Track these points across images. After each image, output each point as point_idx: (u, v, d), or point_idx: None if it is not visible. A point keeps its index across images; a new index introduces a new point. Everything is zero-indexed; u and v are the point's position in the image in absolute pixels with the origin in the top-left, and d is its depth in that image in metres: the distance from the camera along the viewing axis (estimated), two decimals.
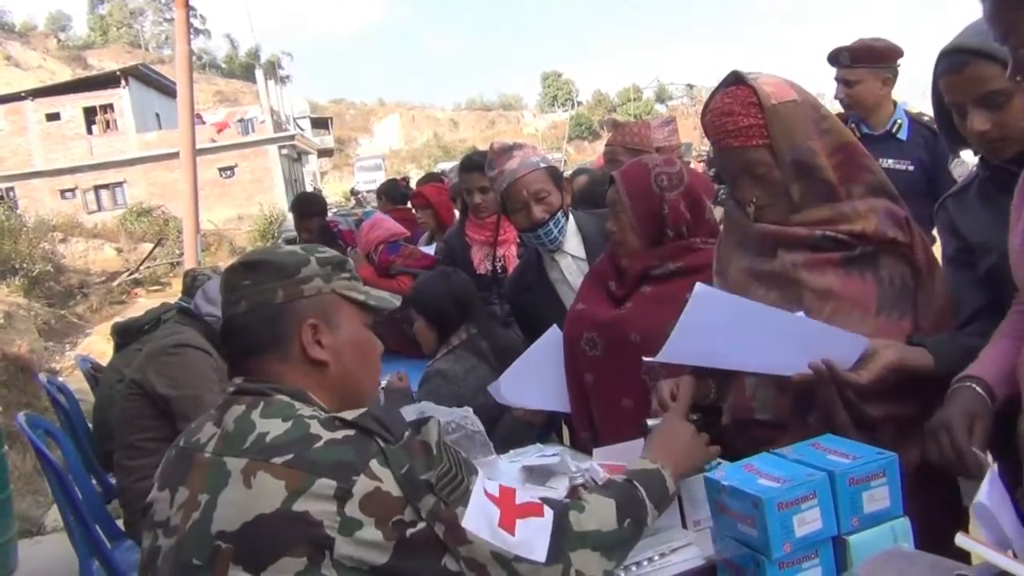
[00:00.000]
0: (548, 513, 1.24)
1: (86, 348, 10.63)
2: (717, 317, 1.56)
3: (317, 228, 4.74)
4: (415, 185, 5.84)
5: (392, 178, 7.85)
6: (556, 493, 1.63)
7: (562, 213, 2.52)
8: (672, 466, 1.43)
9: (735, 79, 1.67)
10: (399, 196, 5.76)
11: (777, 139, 1.60)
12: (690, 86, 71.35)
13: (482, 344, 2.78)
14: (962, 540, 1.05)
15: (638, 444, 1.64)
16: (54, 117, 30.96)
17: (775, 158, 1.62)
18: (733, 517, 1.25)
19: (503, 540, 1.17)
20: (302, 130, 45.70)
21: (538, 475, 1.78)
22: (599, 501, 1.31)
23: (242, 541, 1.11)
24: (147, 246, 20.81)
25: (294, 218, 5.15)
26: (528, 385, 2.31)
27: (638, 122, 3.88)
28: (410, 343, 2.99)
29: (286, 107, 42.08)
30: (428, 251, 4.12)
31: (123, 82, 31.46)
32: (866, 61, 3.26)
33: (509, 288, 2.84)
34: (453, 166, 4.97)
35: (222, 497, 1.14)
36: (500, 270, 3.30)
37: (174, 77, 13.45)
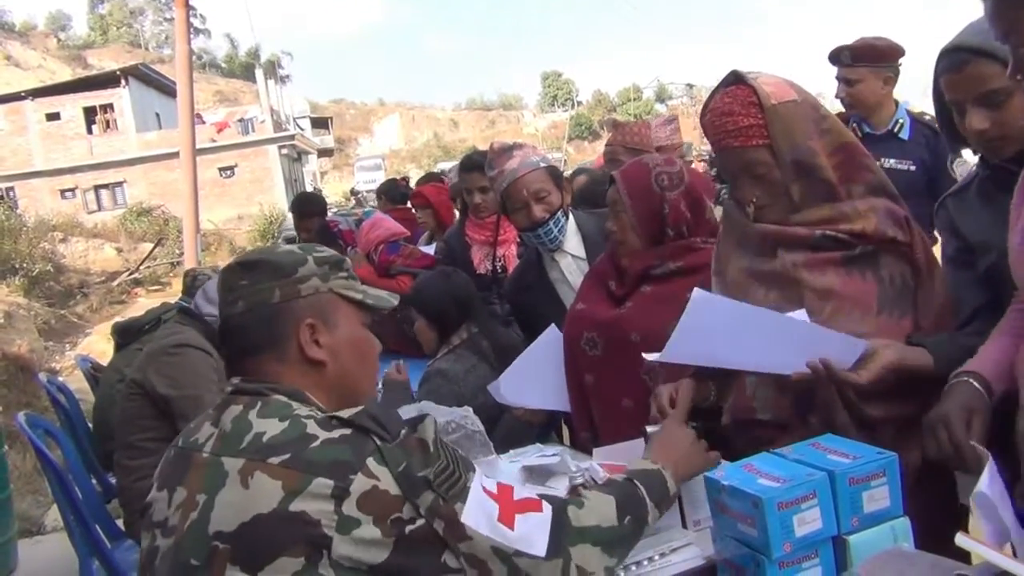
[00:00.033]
0: (547, 508, 1.23)
1: (86, 348, 10.63)
2: (716, 322, 1.55)
3: (317, 228, 4.74)
4: (415, 185, 5.84)
5: (392, 178, 7.85)
6: (556, 493, 1.63)
7: (562, 213, 2.51)
8: (673, 467, 1.43)
9: (735, 79, 1.67)
10: (399, 196, 5.76)
11: (777, 139, 1.60)
12: (690, 86, 71.33)
13: (483, 343, 2.78)
14: (962, 540, 1.05)
15: (638, 444, 1.64)
16: (54, 117, 30.95)
17: (775, 158, 1.62)
18: (733, 517, 1.25)
19: (503, 535, 1.17)
20: (302, 130, 45.70)
21: (538, 475, 1.78)
22: (599, 498, 1.31)
23: (239, 541, 1.11)
24: (147, 246, 20.80)
25: (294, 218, 5.15)
26: (528, 384, 2.31)
27: (638, 122, 3.88)
28: (410, 343, 2.99)
29: (286, 107, 42.08)
30: (428, 251, 4.12)
31: (123, 82, 31.46)
32: (867, 60, 3.23)
33: (509, 288, 2.84)
34: (453, 166, 4.97)
35: (219, 497, 1.14)
36: (500, 270, 3.30)
37: (174, 77, 13.44)
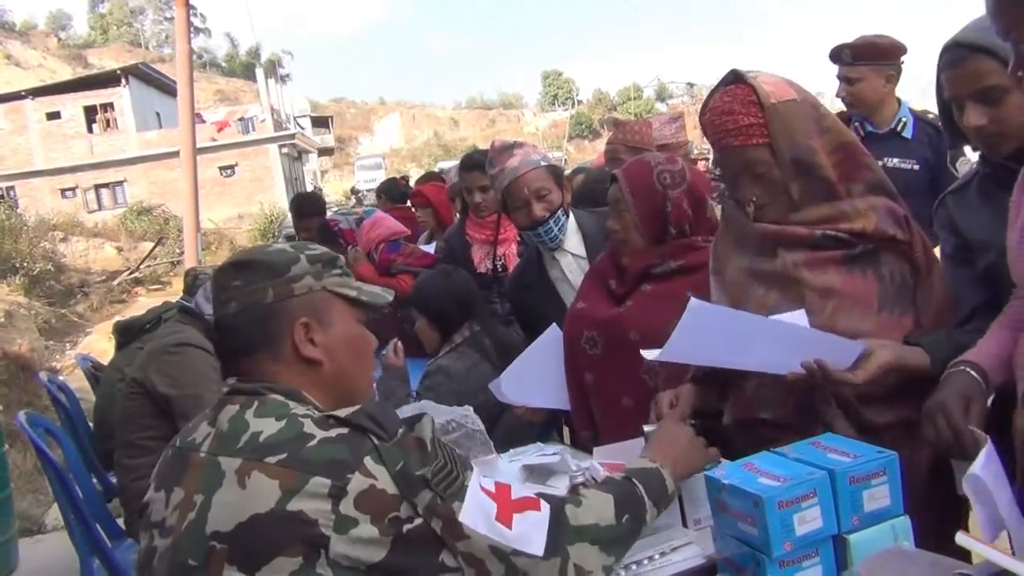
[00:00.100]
0: (545, 507, 1.23)
1: (86, 347, 10.63)
2: (712, 330, 1.55)
3: (317, 227, 4.74)
4: (415, 184, 5.84)
5: (392, 177, 7.85)
6: (556, 492, 1.63)
7: (563, 211, 2.51)
8: (671, 466, 1.43)
9: (734, 78, 1.66)
10: (399, 195, 5.76)
11: (777, 138, 1.60)
12: (690, 85, 71.34)
13: (485, 341, 2.78)
14: (962, 539, 1.05)
15: (638, 443, 1.64)
16: (54, 116, 30.95)
17: (775, 157, 1.62)
18: (733, 516, 1.25)
19: (501, 534, 1.17)
20: (302, 129, 45.69)
21: (538, 474, 1.78)
22: (597, 496, 1.31)
23: (237, 541, 1.11)
24: (147, 245, 20.80)
25: (292, 218, 5.14)
26: (528, 383, 2.31)
27: (639, 120, 3.87)
28: (411, 342, 2.99)
29: (286, 106, 42.05)
30: (428, 250, 4.12)
31: (123, 81, 31.45)
32: (868, 58, 3.20)
33: (509, 287, 2.84)
34: (453, 165, 4.97)
35: (217, 497, 1.14)
36: (500, 269, 3.30)
37: (174, 76, 13.42)
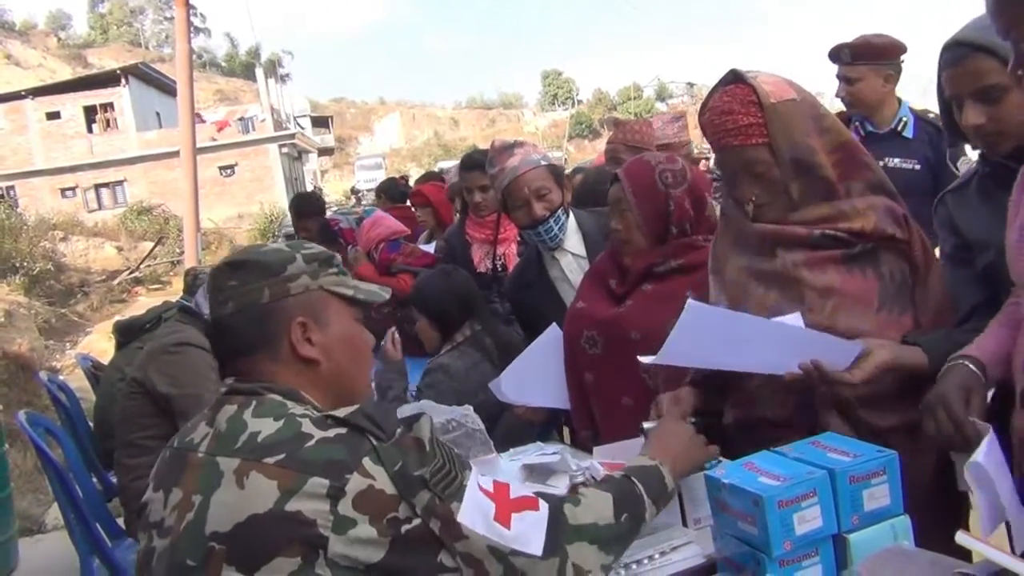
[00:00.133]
0: (543, 507, 1.23)
1: (86, 347, 10.63)
2: (709, 331, 1.55)
3: (317, 227, 4.74)
4: (414, 184, 5.84)
5: (391, 176, 7.86)
6: (557, 491, 1.63)
7: (563, 211, 2.51)
8: (671, 464, 1.43)
9: (734, 78, 1.66)
10: (398, 195, 5.76)
11: (776, 137, 1.60)
12: (691, 84, 71.35)
13: (486, 340, 2.78)
14: (962, 538, 1.05)
15: (638, 442, 1.64)
16: (54, 116, 30.97)
17: (774, 156, 1.62)
18: (733, 515, 1.25)
19: (499, 534, 1.16)
20: (302, 129, 45.70)
21: (538, 473, 1.78)
22: (596, 495, 1.30)
23: (235, 542, 1.10)
24: (147, 245, 20.80)
25: (292, 218, 5.14)
26: (529, 383, 2.31)
27: (639, 120, 3.87)
28: (412, 341, 2.99)
29: (286, 106, 42.03)
30: (427, 249, 4.12)
31: (123, 81, 31.46)
32: (867, 58, 3.18)
33: (509, 286, 2.84)
34: (453, 165, 4.97)
35: (215, 498, 1.14)
36: (500, 268, 3.30)
37: (174, 76, 13.43)
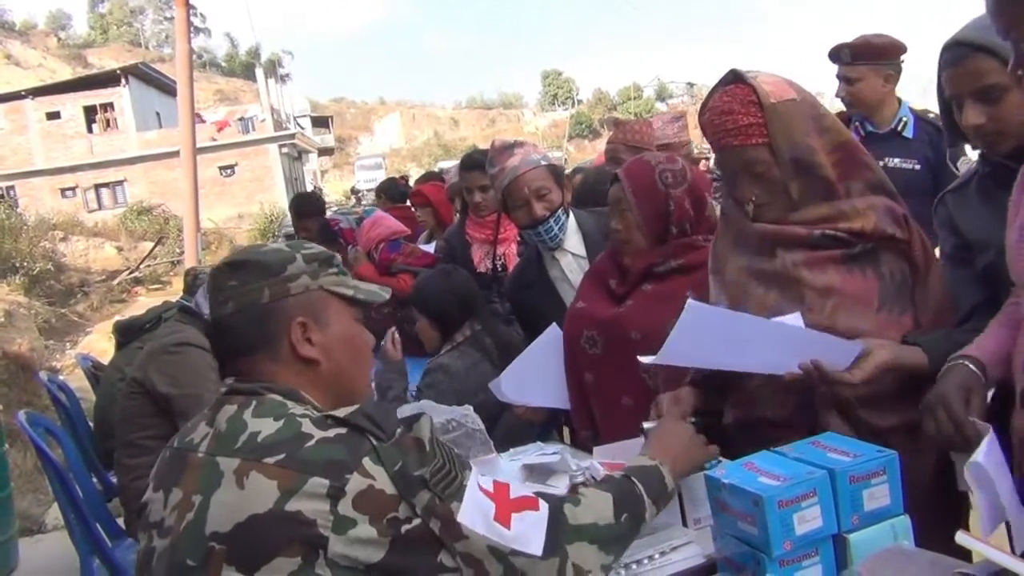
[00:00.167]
0: (543, 506, 1.23)
1: (86, 347, 10.62)
2: (709, 331, 1.55)
3: (317, 227, 4.73)
4: (414, 184, 5.83)
5: (391, 176, 7.86)
6: (557, 491, 1.63)
7: (563, 210, 2.51)
8: (671, 463, 1.43)
9: (734, 78, 1.66)
10: (398, 194, 5.76)
11: (776, 137, 1.60)
12: (690, 84, 71.34)
13: (486, 340, 2.78)
14: (962, 538, 1.05)
15: (638, 442, 1.64)
16: (54, 116, 30.96)
17: (774, 156, 1.62)
18: (733, 515, 1.25)
19: (499, 534, 1.16)
20: (302, 129, 45.68)
21: (539, 473, 1.78)
22: (596, 495, 1.30)
23: (235, 542, 1.10)
24: (147, 245, 20.80)
25: (292, 218, 5.14)
26: (529, 383, 2.31)
27: (639, 120, 3.87)
28: (412, 342, 2.99)
29: (286, 106, 42.02)
30: (427, 249, 4.12)
31: (123, 81, 31.46)
32: (867, 58, 3.18)
33: (509, 286, 2.84)
34: (453, 165, 4.97)
35: (215, 498, 1.14)
36: (500, 268, 3.30)
37: (174, 76, 13.43)
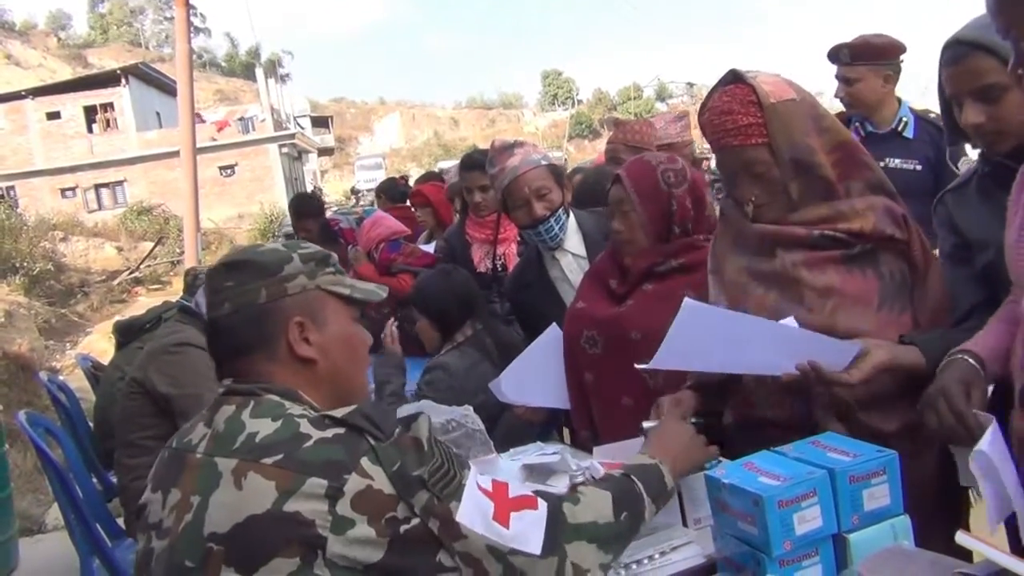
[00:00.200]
0: (542, 505, 1.23)
1: (87, 347, 10.63)
2: (706, 330, 1.55)
3: (317, 228, 4.73)
4: (414, 184, 5.83)
5: (391, 176, 7.85)
6: (557, 491, 1.63)
7: (563, 210, 2.51)
8: (671, 462, 1.43)
9: (733, 78, 1.66)
10: (398, 195, 5.76)
11: (776, 137, 1.60)
12: (690, 84, 71.32)
13: (487, 340, 2.78)
14: (962, 538, 1.05)
15: (638, 442, 1.64)
16: (54, 116, 30.95)
17: (774, 156, 1.61)
18: (733, 515, 1.25)
19: (498, 533, 1.16)
20: (302, 129, 45.66)
21: (539, 473, 1.78)
22: (595, 494, 1.30)
23: (233, 542, 1.10)
24: (147, 245, 20.81)
25: (291, 219, 5.15)
26: (528, 383, 2.31)
27: (639, 120, 3.87)
28: (412, 342, 2.99)
29: (286, 106, 42.01)
30: (427, 249, 4.12)
31: (123, 81, 31.45)
32: (866, 58, 3.16)
33: (509, 286, 2.84)
34: (453, 165, 4.97)
35: (213, 498, 1.14)
36: (500, 268, 3.30)
37: (174, 76, 13.45)
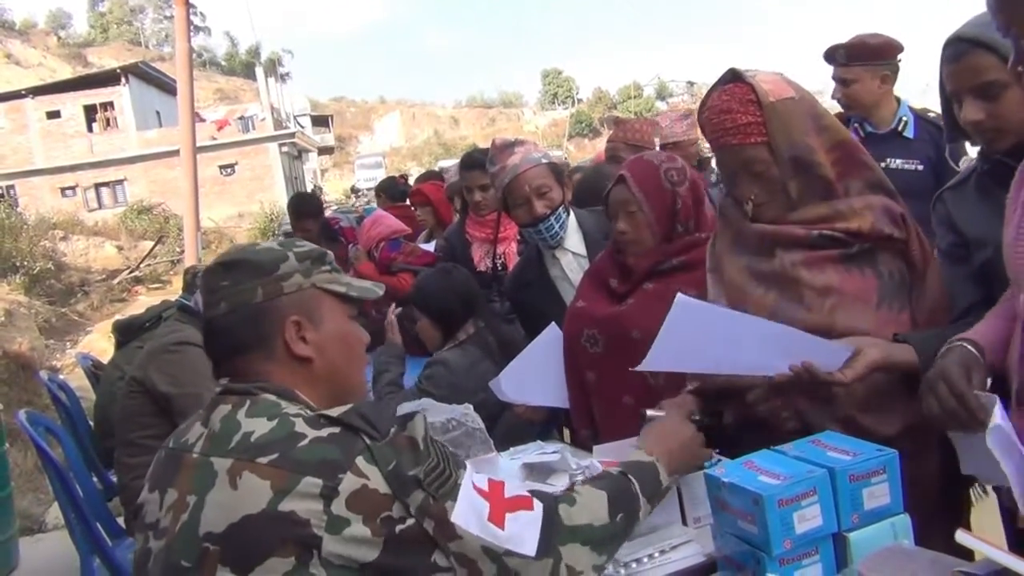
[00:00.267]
0: (538, 506, 1.23)
1: (87, 346, 10.64)
2: (699, 327, 1.54)
3: (318, 228, 4.72)
4: (414, 183, 5.83)
5: (391, 176, 7.84)
6: (556, 490, 1.63)
7: (563, 209, 2.51)
8: (667, 460, 1.43)
9: (732, 77, 1.66)
10: (398, 194, 5.76)
11: (775, 136, 1.60)
12: (691, 83, 71.26)
13: (489, 338, 2.78)
14: (962, 537, 1.05)
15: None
16: (54, 115, 30.97)
17: (773, 155, 1.61)
18: (733, 514, 1.25)
19: (493, 534, 1.16)
20: (302, 128, 45.67)
21: (538, 472, 1.78)
22: (591, 494, 1.30)
23: (229, 542, 1.10)
24: (147, 244, 20.82)
25: (291, 219, 5.14)
26: (528, 382, 2.31)
27: (640, 119, 3.87)
28: (413, 342, 2.99)
29: (286, 105, 42.02)
30: (427, 248, 4.12)
31: (123, 80, 31.47)
32: (863, 58, 3.14)
33: (509, 285, 2.83)
34: (452, 164, 4.96)
35: (209, 498, 1.14)
36: (500, 267, 3.30)
37: (174, 75, 13.46)
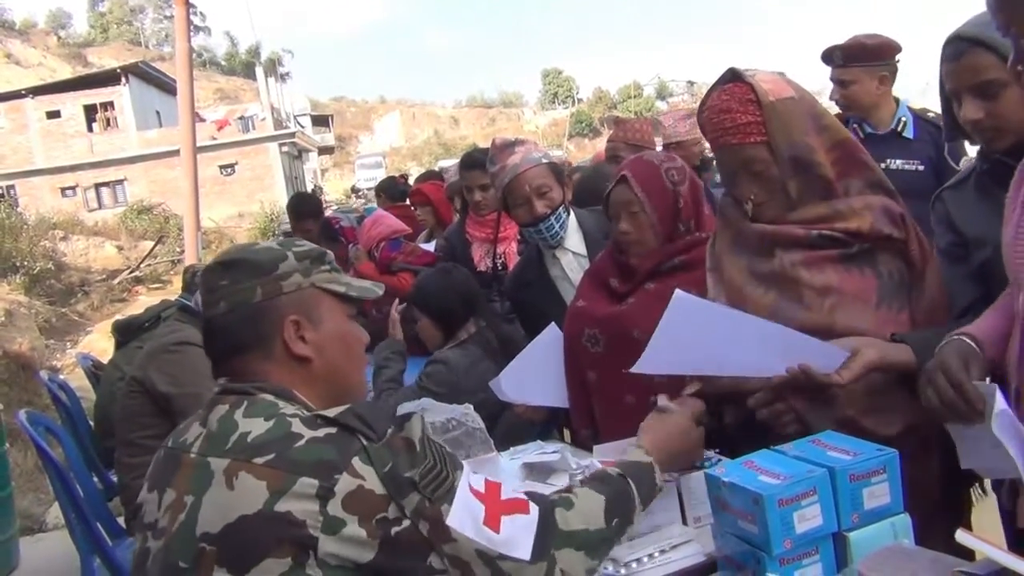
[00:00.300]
0: (534, 510, 1.22)
1: (87, 346, 10.65)
2: (697, 326, 1.54)
3: (318, 228, 4.72)
4: (414, 182, 5.83)
5: (391, 175, 7.85)
6: (552, 492, 1.63)
7: (563, 208, 2.51)
8: (666, 462, 1.44)
9: (732, 76, 1.66)
10: (398, 193, 5.76)
11: (775, 136, 1.60)
12: (691, 83, 71.25)
13: (490, 337, 2.78)
14: (962, 536, 1.05)
15: None
16: (54, 115, 30.98)
17: (773, 155, 1.61)
18: (733, 514, 1.25)
19: (488, 538, 1.16)
20: (303, 127, 45.65)
21: (539, 472, 1.78)
22: (588, 498, 1.29)
23: (225, 543, 1.10)
24: (148, 244, 20.81)
25: (291, 219, 5.13)
26: (528, 382, 2.31)
27: (640, 118, 3.88)
28: (413, 342, 2.99)
29: (287, 104, 42.03)
30: (427, 248, 4.12)
31: (123, 80, 31.48)
32: (861, 59, 3.12)
33: (509, 285, 2.83)
34: (452, 164, 4.96)
35: (206, 498, 1.14)
36: (500, 267, 3.30)
37: (174, 75, 13.46)
